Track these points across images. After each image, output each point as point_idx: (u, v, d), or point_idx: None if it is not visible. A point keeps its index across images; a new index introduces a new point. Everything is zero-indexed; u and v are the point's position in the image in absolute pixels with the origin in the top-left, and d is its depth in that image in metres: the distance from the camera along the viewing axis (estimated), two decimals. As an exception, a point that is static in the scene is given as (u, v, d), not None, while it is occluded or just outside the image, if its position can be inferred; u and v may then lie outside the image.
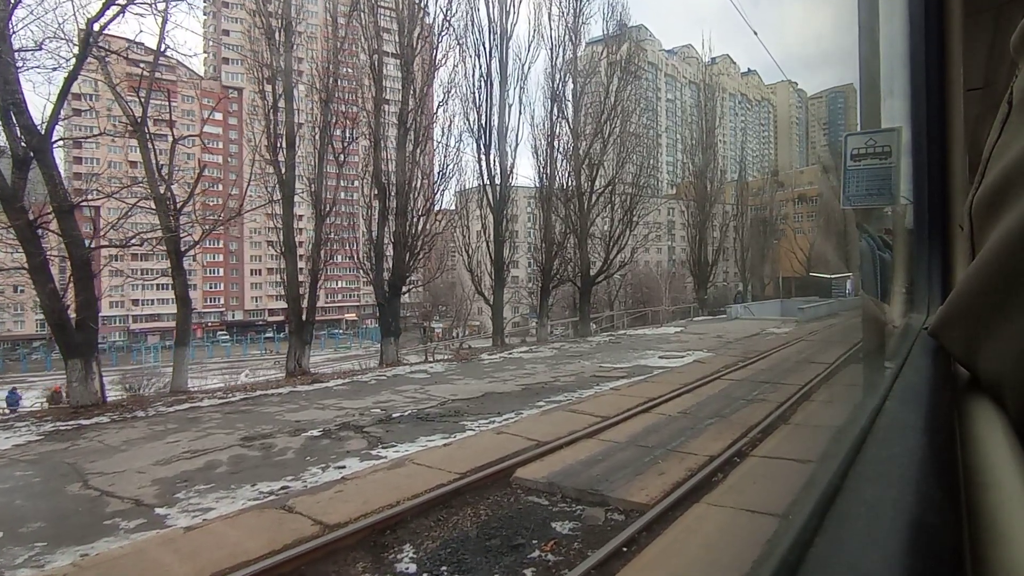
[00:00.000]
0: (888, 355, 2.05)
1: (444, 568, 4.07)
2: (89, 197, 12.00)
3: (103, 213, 15.37)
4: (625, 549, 4.15)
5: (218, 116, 58.30)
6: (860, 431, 0.62)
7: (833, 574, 0.36)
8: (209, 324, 62.52)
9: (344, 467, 6.52)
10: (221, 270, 65.60)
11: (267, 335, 55.83)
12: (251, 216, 26.56)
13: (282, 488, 5.91)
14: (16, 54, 10.17)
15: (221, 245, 63.40)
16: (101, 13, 10.79)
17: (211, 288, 65.17)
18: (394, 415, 9.20)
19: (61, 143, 11.07)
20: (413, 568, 4.10)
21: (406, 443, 7.44)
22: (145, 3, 11.67)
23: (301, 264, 17.62)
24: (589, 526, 4.69)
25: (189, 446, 7.70)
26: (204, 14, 60.88)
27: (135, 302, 56.11)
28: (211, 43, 62.32)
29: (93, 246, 12.63)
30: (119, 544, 4.58)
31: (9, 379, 32.44)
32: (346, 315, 66.75)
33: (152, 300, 53.31)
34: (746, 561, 3.62)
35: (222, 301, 65.86)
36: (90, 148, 47.82)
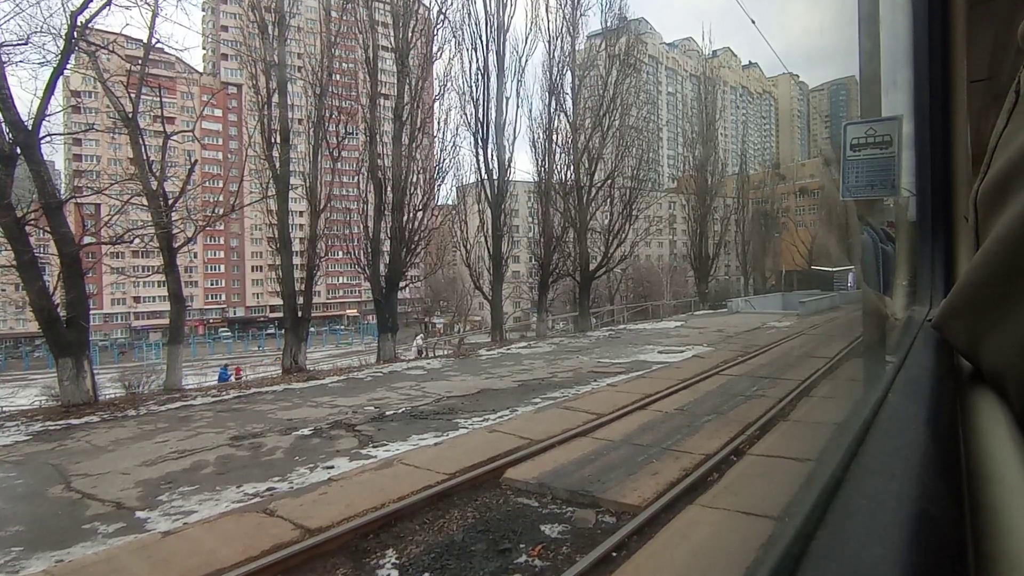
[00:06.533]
0: (890, 349, 2.09)
1: (427, 574, 3.93)
2: (79, 193, 11.82)
3: (103, 210, 15.32)
4: (615, 554, 4.00)
5: (218, 112, 58.19)
6: (862, 424, 0.62)
7: (835, 567, 0.35)
8: (211, 321, 62.63)
9: (332, 467, 6.39)
10: (222, 267, 65.69)
11: (268, 331, 55.84)
12: (251, 212, 26.46)
13: (267, 490, 5.77)
14: (1, 49, 10.01)
15: (222, 242, 63.58)
16: (85, 6, 10.60)
17: (212, 285, 65.25)
18: (387, 413, 9.06)
19: (49, 139, 10.87)
20: (395, 574, 3.96)
21: (398, 442, 7.30)
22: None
23: (297, 260, 17.48)
24: (579, 529, 4.54)
25: (177, 446, 7.57)
26: (202, 10, 60.69)
27: (136, 299, 56.26)
28: (209, 39, 62.14)
29: (85, 243, 12.53)
30: (94, 550, 4.44)
31: (11, 377, 32.53)
32: (347, 311, 66.76)
33: (154, 297, 53.33)
34: (738, 568, 3.47)
35: (223, 297, 65.91)
36: (90, 145, 47.82)
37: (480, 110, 21.30)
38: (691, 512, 4.53)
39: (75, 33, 10.78)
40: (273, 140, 15.97)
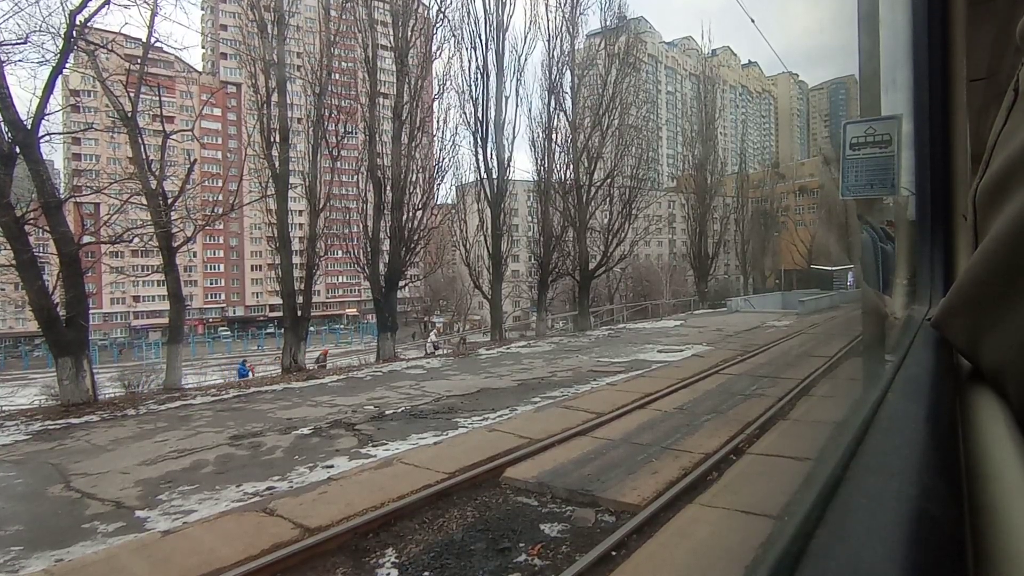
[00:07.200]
0: (890, 347, 2.05)
1: (426, 573, 3.93)
2: (79, 193, 11.81)
3: (102, 210, 15.36)
4: (614, 553, 4.00)
5: (217, 112, 58.16)
6: (862, 423, 0.62)
7: (835, 565, 0.35)
8: (210, 320, 62.59)
9: (332, 466, 6.39)
10: (222, 266, 65.62)
11: (268, 331, 55.75)
12: (250, 211, 26.47)
13: (267, 489, 5.78)
14: (0, 48, 10.00)
15: (222, 241, 63.54)
16: (83, 5, 10.59)
17: (212, 284, 65.19)
18: (387, 412, 9.06)
19: (48, 138, 10.85)
20: (395, 573, 3.96)
21: (397, 441, 7.30)
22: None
23: (296, 259, 17.49)
24: (578, 528, 4.54)
25: (177, 445, 7.57)
26: (201, 9, 60.55)
27: (136, 299, 56.22)
28: (208, 38, 62.06)
29: (84, 242, 12.53)
30: (94, 549, 4.44)
31: (10, 376, 32.49)
32: (347, 310, 66.70)
33: (153, 296, 53.28)
34: (738, 567, 3.47)
35: (223, 297, 65.86)
36: (89, 144, 47.77)
37: (479, 109, 21.30)
38: (691, 511, 4.53)
39: (74, 32, 10.77)
40: (272, 139, 15.97)
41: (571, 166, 23.55)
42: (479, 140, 21.45)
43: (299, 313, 16.30)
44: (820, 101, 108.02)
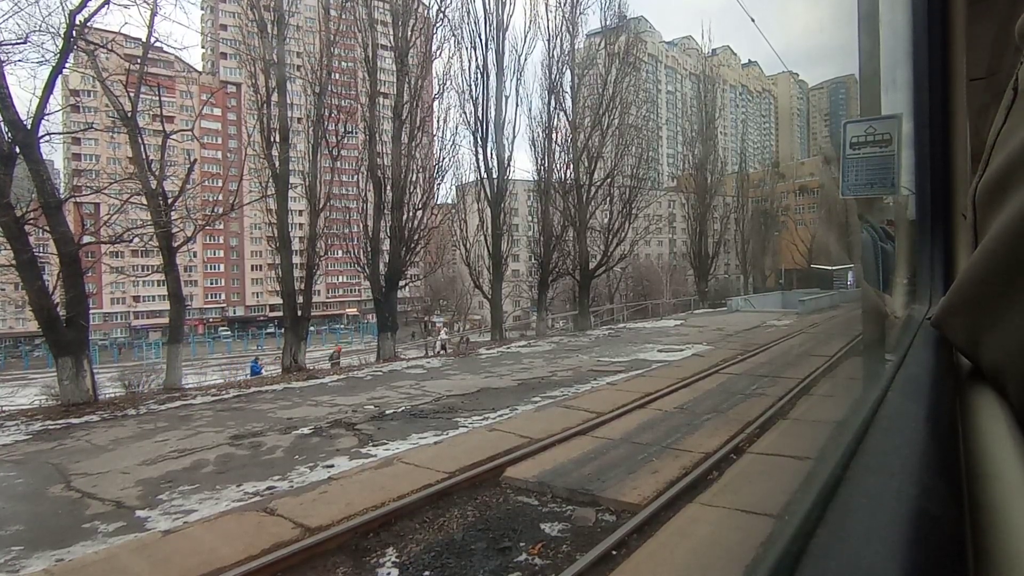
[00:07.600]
0: (890, 347, 2.08)
1: (427, 573, 3.93)
2: (79, 193, 11.81)
3: (102, 210, 15.39)
4: (615, 552, 4.00)
5: (217, 111, 58.13)
6: (862, 422, 0.62)
7: (835, 565, 0.35)
8: (211, 320, 62.55)
9: (333, 466, 6.39)
10: (222, 266, 65.55)
11: (268, 330, 55.68)
12: (250, 211, 26.50)
13: (268, 489, 5.78)
14: (0, 48, 10.00)
15: (222, 241, 63.51)
16: (83, 4, 10.59)
17: (212, 284, 65.13)
18: (387, 412, 9.07)
19: (48, 138, 10.86)
20: (395, 573, 3.96)
21: (398, 441, 7.31)
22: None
23: (297, 259, 17.50)
24: (579, 527, 4.54)
25: (177, 445, 7.58)
26: (201, 9, 60.46)
27: (136, 299, 56.18)
28: (208, 38, 62.01)
29: (84, 242, 12.54)
30: (94, 549, 4.45)
31: (10, 376, 32.48)
32: (347, 310, 66.65)
33: (153, 296, 53.23)
34: (737, 566, 3.48)
35: (223, 297, 65.80)
36: (89, 144, 47.74)
37: (479, 109, 21.32)
38: (691, 510, 4.53)
39: (74, 32, 10.77)
40: (272, 139, 15.97)
41: (571, 166, 23.57)
42: (479, 140, 21.50)
43: (299, 313, 16.31)
44: (820, 100, 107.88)
